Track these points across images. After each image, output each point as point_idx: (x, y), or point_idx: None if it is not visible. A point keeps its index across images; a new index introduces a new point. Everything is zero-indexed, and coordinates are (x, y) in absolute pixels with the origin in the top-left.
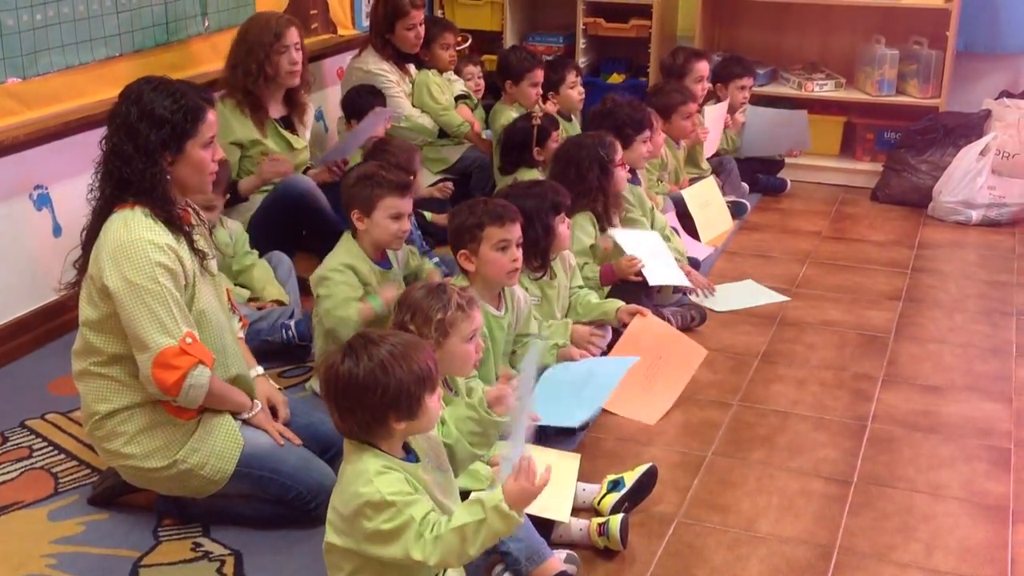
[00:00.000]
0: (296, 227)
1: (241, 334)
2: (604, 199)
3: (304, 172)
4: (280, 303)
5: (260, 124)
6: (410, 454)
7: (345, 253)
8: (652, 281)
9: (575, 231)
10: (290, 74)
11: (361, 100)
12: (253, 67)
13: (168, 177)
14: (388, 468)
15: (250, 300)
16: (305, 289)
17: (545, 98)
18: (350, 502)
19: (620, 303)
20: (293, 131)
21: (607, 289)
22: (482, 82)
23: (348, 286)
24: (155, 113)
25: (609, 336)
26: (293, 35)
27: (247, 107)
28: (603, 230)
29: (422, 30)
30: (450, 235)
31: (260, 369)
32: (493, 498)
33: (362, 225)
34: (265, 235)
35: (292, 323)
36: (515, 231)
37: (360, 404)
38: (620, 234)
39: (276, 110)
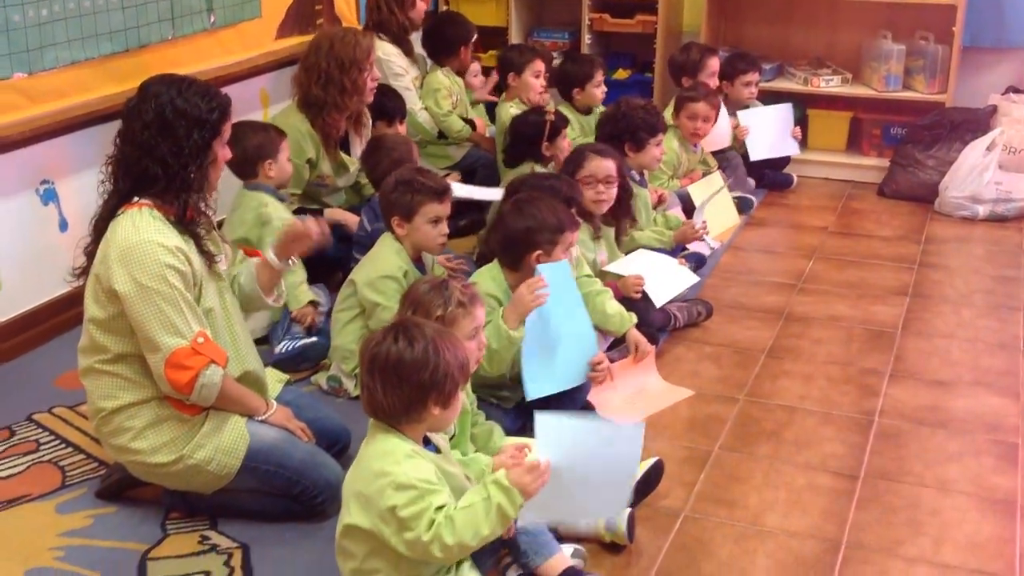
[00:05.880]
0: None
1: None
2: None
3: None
4: (314, 304)
5: (327, 143)
6: (429, 445)
7: (396, 256)
8: (659, 302)
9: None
10: (372, 91)
11: (387, 103)
12: (345, 82)
13: (201, 176)
14: (416, 453)
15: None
16: None
17: (569, 94)
18: (374, 480)
19: (632, 323)
20: (347, 150)
21: None
22: (483, 78)
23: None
24: (191, 113)
25: (609, 342)
26: (373, 50)
27: (317, 124)
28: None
29: None
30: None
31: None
32: (494, 475)
33: (402, 231)
34: None
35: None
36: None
37: (407, 381)
38: (615, 265)
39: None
